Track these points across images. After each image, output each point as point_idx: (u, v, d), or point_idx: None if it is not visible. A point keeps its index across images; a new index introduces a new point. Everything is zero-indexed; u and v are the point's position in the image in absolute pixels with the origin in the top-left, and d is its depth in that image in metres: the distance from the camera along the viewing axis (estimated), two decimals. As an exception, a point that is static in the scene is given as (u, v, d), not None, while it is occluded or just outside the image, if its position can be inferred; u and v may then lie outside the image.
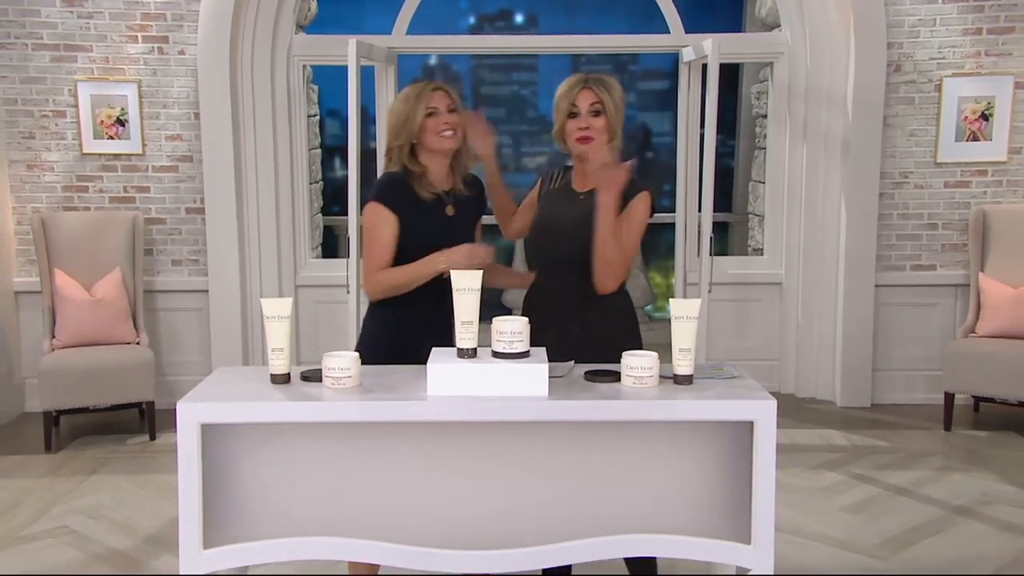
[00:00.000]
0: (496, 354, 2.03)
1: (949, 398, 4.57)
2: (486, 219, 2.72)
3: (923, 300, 5.00)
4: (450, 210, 2.52)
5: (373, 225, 2.49)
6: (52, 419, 4.37)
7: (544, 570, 2.64)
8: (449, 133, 2.48)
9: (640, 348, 2.42)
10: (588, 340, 2.40)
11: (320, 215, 5.49)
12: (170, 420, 4.60)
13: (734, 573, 2.23)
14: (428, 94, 2.48)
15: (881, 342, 5.01)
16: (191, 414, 1.94)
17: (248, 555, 1.99)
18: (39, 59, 4.76)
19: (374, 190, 2.54)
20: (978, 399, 4.77)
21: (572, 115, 2.44)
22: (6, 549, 3.25)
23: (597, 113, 2.42)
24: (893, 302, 4.99)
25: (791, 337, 5.18)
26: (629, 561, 2.60)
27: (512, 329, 2.02)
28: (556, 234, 2.48)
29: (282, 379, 2.09)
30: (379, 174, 2.69)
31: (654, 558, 2.59)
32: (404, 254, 2.49)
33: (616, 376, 2.11)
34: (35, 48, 4.75)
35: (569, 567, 2.66)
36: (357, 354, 2.09)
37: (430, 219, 2.49)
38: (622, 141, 2.50)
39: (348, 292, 4.43)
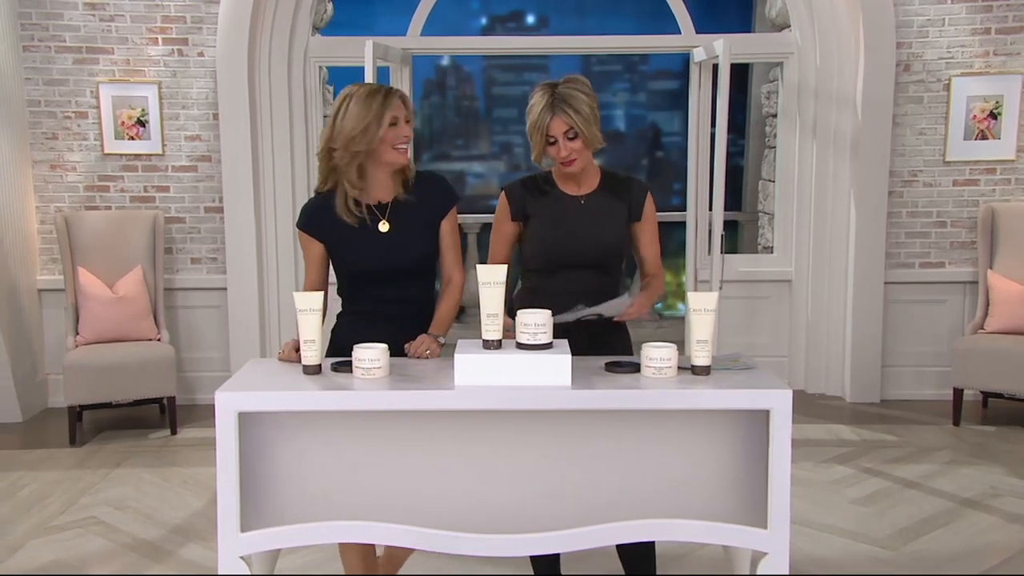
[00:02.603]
0: (520, 345, 2.10)
1: (958, 393, 4.62)
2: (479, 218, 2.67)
3: (932, 297, 5.06)
4: (384, 226, 2.41)
5: (302, 247, 2.49)
6: (76, 414, 4.46)
7: (533, 559, 2.70)
8: (404, 147, 2.38)
9: (629, 343, 2.56)
10: (593, 337, 2.46)
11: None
12: (190, 415, 4.79)
13: (748, 573, 2.29)
14: (393, 102, 2.33)
15: (890, 338, 5.06)
16: (229, 403, 2.01)
17: (283, 538, 2.07)
18: (62, 61, 4.86)
19: (299, 216, 2.48)
20: (987, 394, 4.83)
21: (550, 142, 2.45)
22: (39, 538, 3.35)
23: (573, 137, 2.42)
24: (902, 299, 5.05)
25: (800, 334, 5.24)
26: (624, 560, 2.65)
27: (536, 321, 2.10)
28: (568, 239, 2.50)
29: (314, 370, 2.17)
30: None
31: (652, 558, 2.65)
32: (343, 276, 2.48)
33: (636, 367, 2.18)
34: (58, 51, 4.85)
35: (558, 558, 2.72)
36: (386, 346, 2.17)
37: (360, 240, 2.40)
38: (602, 137, 2.50)
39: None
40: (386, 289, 2.43)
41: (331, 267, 2.53)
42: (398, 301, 2.45)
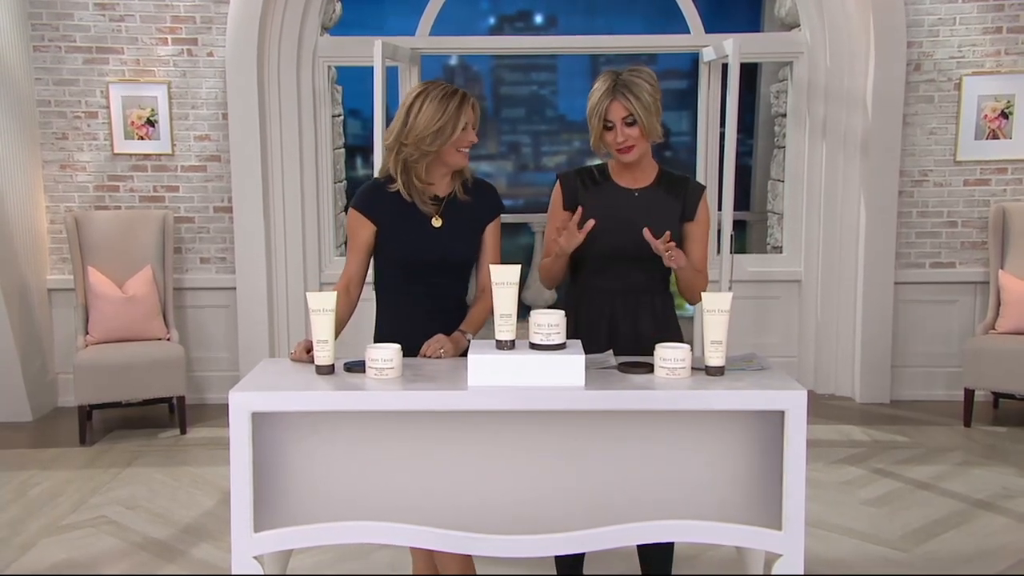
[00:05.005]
0: (534, 346, 2.10)
1: (969, 394, 4.60)
2: (512, 218, 2.68)
3: (942, 297, 5.04)
4: (436, 221, 2.44)
5: (350, 230, 2.49)
6: (86, 413, 4.47)
7: (557, 559, 2.70)
8: (466, 150, 2.43)
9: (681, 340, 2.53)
10: (642, 335, 2.47)
11: (344, 213, 5.57)
12: (199, 415, 4.80)
13: (760, 573, 2.28)
14: (468, 107, 2.38)
15: (900, 339, 5.05)
16: (243, 403, 2.01)
17: (297, 538, 2.06)
18: (72, 61, 4.87)
19: (356, 196, 2.50)
20: (998, 395, 4.81)
21: (607, 127, 2.42)
22: (50, 536, 3.36)
23: (631, 123, 2.40)
24: (912, 299, 5.03)
25: (810, 334, 5.23)
26: (643, 560, 2.65)
27: (549, 321, 2.09)
28: (617, 232, 2.45)
29: (327, 370, 2.16)
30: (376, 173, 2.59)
31: (670, 559, 2.64)
32: (385, 263, 2.48)
33: (649, 367, 2.17)
34: (68, 51, 4.86)
35: (581, 559, 2.71)
36: (399, 346, 2.16)
37: (412, 231, 2.42)
38: (663, 131, 2.49)
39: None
40: (427, 282, 2.45)
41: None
42: (439, 296, 2.47)
